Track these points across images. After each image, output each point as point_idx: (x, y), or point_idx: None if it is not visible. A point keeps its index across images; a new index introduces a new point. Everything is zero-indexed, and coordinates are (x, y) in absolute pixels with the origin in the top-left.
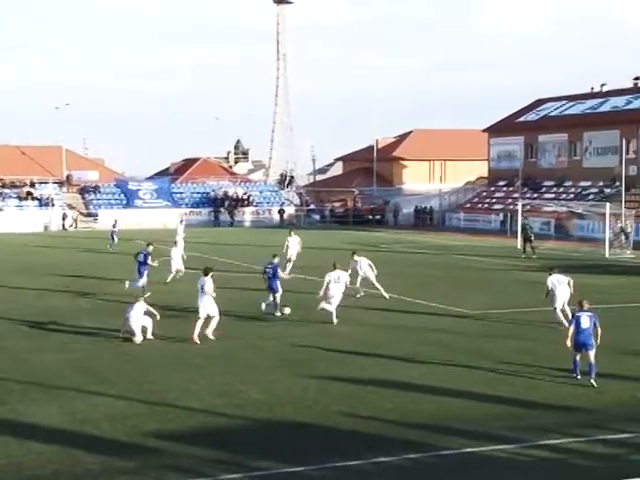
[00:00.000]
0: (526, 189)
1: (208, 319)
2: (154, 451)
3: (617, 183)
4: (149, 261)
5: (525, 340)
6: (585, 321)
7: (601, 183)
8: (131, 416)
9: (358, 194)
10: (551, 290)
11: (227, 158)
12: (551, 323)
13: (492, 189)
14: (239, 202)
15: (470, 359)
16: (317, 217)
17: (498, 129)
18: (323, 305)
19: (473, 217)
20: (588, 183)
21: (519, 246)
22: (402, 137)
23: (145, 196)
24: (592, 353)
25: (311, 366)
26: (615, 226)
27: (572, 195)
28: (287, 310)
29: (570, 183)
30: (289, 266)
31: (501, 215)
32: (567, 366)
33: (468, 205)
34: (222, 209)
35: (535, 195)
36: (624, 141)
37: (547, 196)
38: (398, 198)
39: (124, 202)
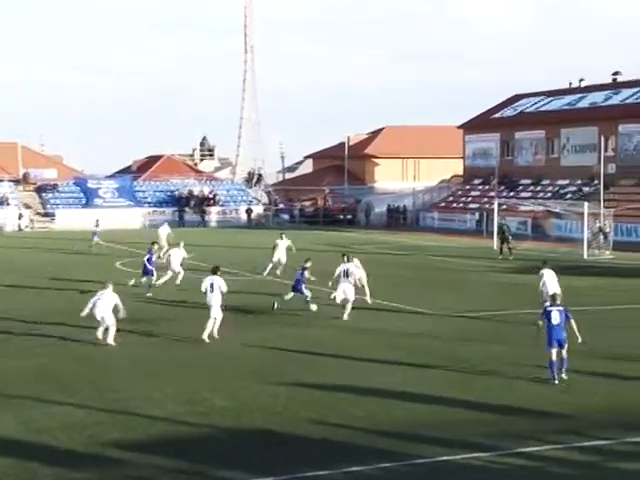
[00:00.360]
0: (502, 188)
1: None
2: (113, 461)
3: (596, 181)
4: (154, 259)
5: (501, 343)
6: (556, 316)
7: (579, 181)
8: (90, 425)
9: (329, 193)
10: (543, 284)
11: (192, 155)
12: (532, 325)
13: (467, 188)
14: (205, 201)
15: (444, 363)
16: (286, 217)
17: (473, 126)
18: (334, 295)
19: (448, 217)
20: (566, 181)
21: (495, 247)
22: (374, 134)
23: (106, 195)
24: (564, 349)
25: (280, 372)
26: (594, 226)
27: (549, 194)
28: (314, 307)
29: (547, 181)
30: (269, 267)
31: (477, 215)
32: (544, 371)
33: (443, 204)
34: (187, 208)
35: (512, 194)
36: (603, 138)
37: (524, 195)
38: (370, 197)
39: (83, 201)
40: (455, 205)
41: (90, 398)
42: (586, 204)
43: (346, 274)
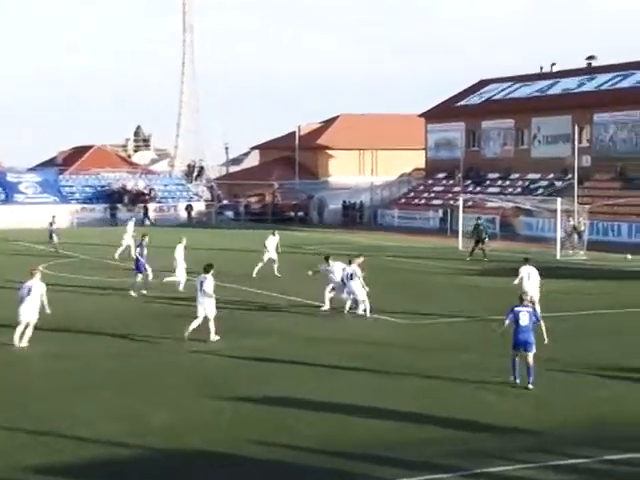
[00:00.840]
0: (468, 182)
1: (206, 320)
2: None
3: (569, 175)
4: (145, 253)
5: (468, 352)
6: (524, 318)
7: (551, 175)
8: (10, 449)
9: (278, 188)
10: (521, 281)
11: (125, 146)
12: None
13: (430, 182)
14: (139, 197)
15: (404, 375)
16: (230, 214)
17: (436, 114)
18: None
19: (409, 214)
20: (537, 175)
21: (461, 247)
22: (328, 123)
23: (27, 190)
24: (531, 354)
25: (228, 385)
26: (567, 224)
27: (519, 189)
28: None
29: (517, 175)
30: (259, 265)
31: (440, 212)
32: (513, 382)
33: (403, 200)
34: (120, 205)
35: (478, 189)
36: (576, 128)
37: (491, 190)
38: (324, 192)
39: (2, 197)
40: (417, 201)
41: (9, 417)
42: (559, 200)
43: (350, 277)
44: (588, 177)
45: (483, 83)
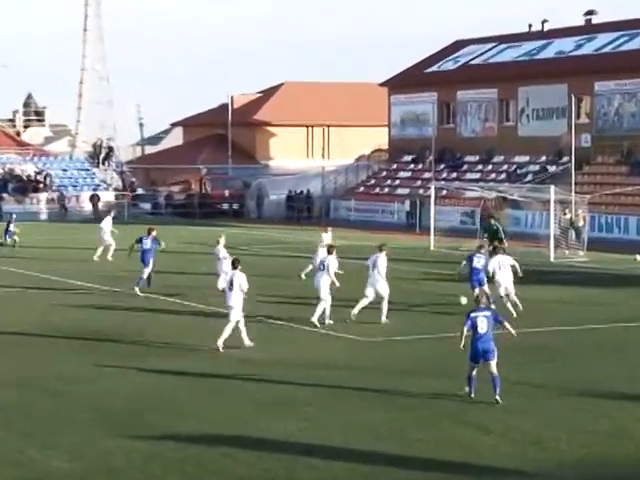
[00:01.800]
0: (441, 167)
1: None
2: None
3: (565, 158)
4: (158, 245)
5: (440, 376)
6: (482, 324)
7: (543, 158)
8: None
9: (206, 174)
10: (493, 274)
11: (13, 121)
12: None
13: (394, 167)
14: (31, 185)
15: (365, 404)
16: (147, 206)
17: (402, 83)
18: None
19: (369, 206)
20: (525, 158)
21: (433, 246)
22: (268, 93)
23: None
24: (494, 363)
25: (143, 419)
26: (563, 218)
27: (504, 175)
28: (463, 300)
29: (501, 158)
30: (308, 268)
31: (407, 203)
32: (496, 411)
33: (361, 189)
34: (5, 195)
35: (454, 175)
36: (574, 99)
37: (470, 176)
38: (263, 179)
39: None
40: (378, 190)
41: None
42: (552, 188)
43: (374, 265)
44: (588, 160)
45: (459, 45)
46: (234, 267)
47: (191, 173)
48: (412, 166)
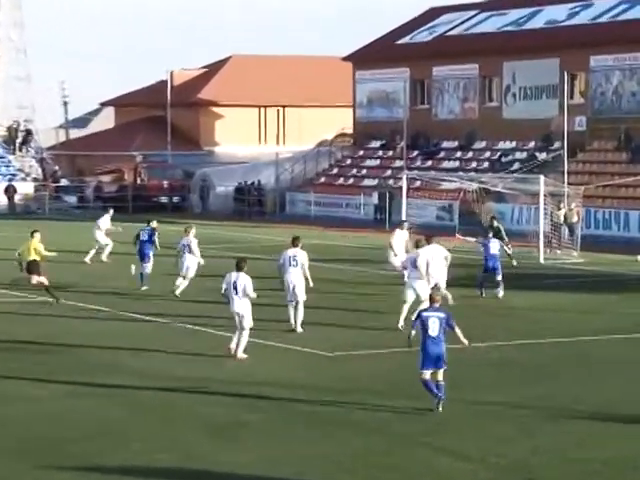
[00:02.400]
0: (414, 154)
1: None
2: None
3: (556, 144)
4: (156, 237)
5: (410, 396)
6: (434, 326)
7: (532, 144)
8: None
9: (142, 162)
10: (426, 267)
11: None
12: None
13: (361, 154)
14: None
15: (325, 428)
16: (73, 200)
17: (369, 57)
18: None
19: (331, 199)
20: (511, 144)
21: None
22: (213, 68)
23: None
24: (442, 371)
25: (65, 448)
26: (555, 213)
27: (486, 163)
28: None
29: (483, 144)
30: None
31: (375, 196)
32: (473, 435)
33: (322, 180)
34: None
35: (429, 163)
36: (567, 76)
37: (447, 165)
38: (208, 169)
39: None
40: (342, 181)
41: None
42: (542, 179)
43: (414, 264)
44: (583, 146)
45: (434, 12)
46: (239, 268)
47: (124, 161)
48: (381, 153)
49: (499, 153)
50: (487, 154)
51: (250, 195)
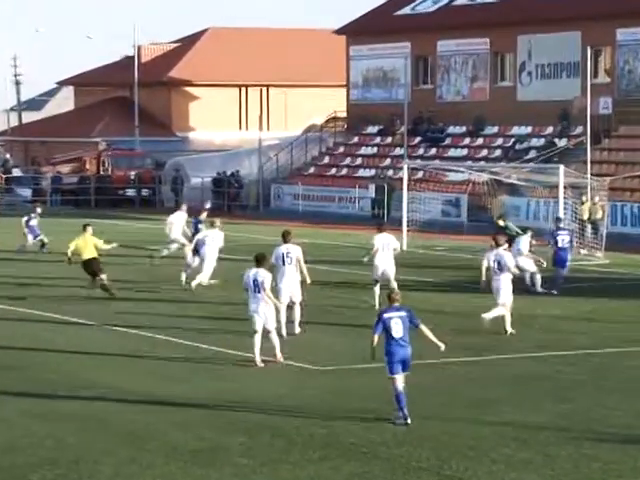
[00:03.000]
0: (417, 140)
1: (265, 332)
2: None
3: (578, 129)
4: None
5: (410, 416)
6: (397, 327)
7: (550, 129)
8: None
9: (106, 149)
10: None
11: None
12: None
13: (355, 140)
14: None
15: (316, 453)
16: (27, 193)
17: (365, 29)
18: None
19: (322, 192)
20: (527, 129)
21: (407, 245)
22: (188, 43)
23: None
24: (404, 375)
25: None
26: (580, 208)
27: (498, 151)
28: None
29: (495, 129)
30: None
31: (372, 188)
32: (484, 461)
33: (312, 170)
34: None
35: (433, 151)
36: (590, 52)
37: (454, 153)
38: (182, 158)
39: None
40: (334, 172)
41: None
42: (562, 169)
43: (499, 266)
44: (608, 132)
45: None
46: (259, 264)
47: (85, 148)
48: (378, 140)
49: (513, 140)
50: (499, 141)
51: (230, 187)
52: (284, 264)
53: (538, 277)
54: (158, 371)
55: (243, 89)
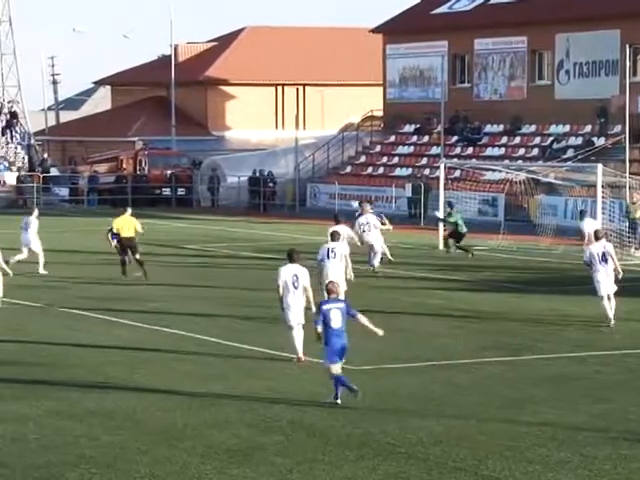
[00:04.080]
0: (453, 139)
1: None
2: None
3: (617, 128)
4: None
5: (447, 416)
6: (336, 317)
7: (588, 128)
8: None
9: (143, 149)
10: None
11: None
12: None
13: (392, 139)
14: None
15: (346, 454)
16: (64, 192)
17: (402, 28)
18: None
19: (358, 191)
20: (565, 128)
21: (442, 245)
22: (224, 42)
23: None
24: (340, 364)
25: (62, 477)
26: (632, 205)
27: (536, 150)
28: None
29: (532, 128)
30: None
31: (409, 188)
32: (519, 460)
33: (348, 169)
34: None
35: (469, 151)
36: (629, 50)
37: (491, 152)
38: (218, 157)
39: None
40: (371, 171)
41: None
42: (600, 168)
43: (604, 257)
44: None
45: None
46: (291, 259)
47: (122, 147)
48: (415, 139)
49: (550, 139)
50: (536, 140)
51: (266, 187)
52: (328, 259)
53: None
54: (193, 369)
55: (279, 88)
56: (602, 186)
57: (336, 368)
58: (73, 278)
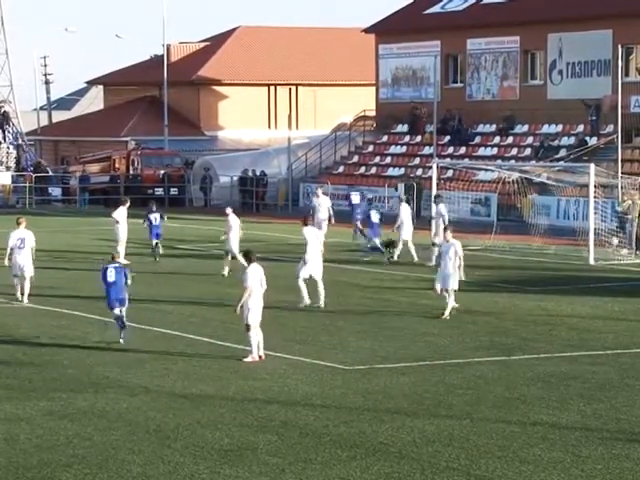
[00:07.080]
0: (446, 139)
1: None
2: None
3: (609, 128)
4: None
5: (437, 416)
6: (111, 274)
7: (580, 128)
8: None
9: (135, 148)
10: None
11: None
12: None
13: (384, 139)
14: None
15: (339, 454)
16: (57, 192)
17: (394, 28)
18: None
19: (350, 191)
20: (557, 128)
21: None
22: (217, 41)
23: None
24: (124, 309)
25: (54, 476)
26: (620, 204)
27: (528, 150)
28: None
29: (525, 128)
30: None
31: (401, 188)
32: (512, 460)
33: (340, 169)
34: None
35: (462, 150)
36: (621, 50)
37: (483, 152)
38: (210, 157)
39: None
40: (363, 170)
41: None
42: (592, 167)
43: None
44: (639, 130)
45: None
46: (252, 261)
47: (115, 147)
48: (407, 138)
49: (543, 138)
50: (529, 139)
51: (258, 187)
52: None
53: None
54: (186, 370)
55: (272, 88)
56: (594, 186)
57: (117, 311)
58: (64, 278)
